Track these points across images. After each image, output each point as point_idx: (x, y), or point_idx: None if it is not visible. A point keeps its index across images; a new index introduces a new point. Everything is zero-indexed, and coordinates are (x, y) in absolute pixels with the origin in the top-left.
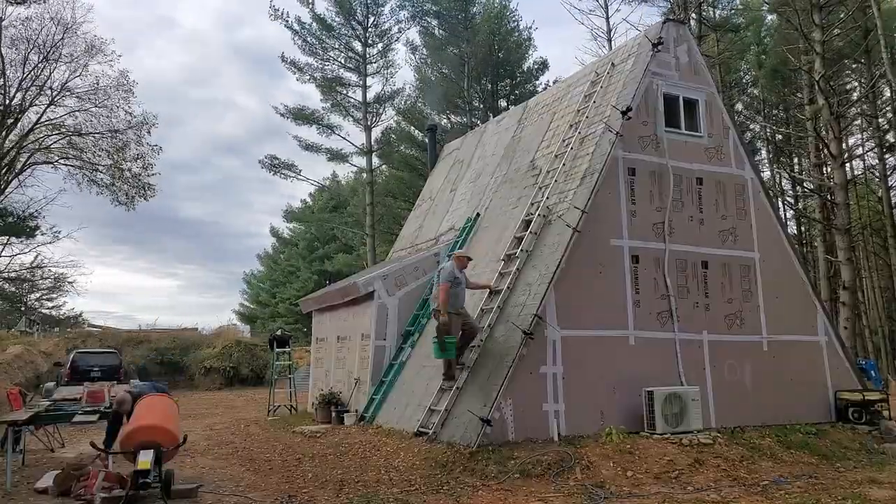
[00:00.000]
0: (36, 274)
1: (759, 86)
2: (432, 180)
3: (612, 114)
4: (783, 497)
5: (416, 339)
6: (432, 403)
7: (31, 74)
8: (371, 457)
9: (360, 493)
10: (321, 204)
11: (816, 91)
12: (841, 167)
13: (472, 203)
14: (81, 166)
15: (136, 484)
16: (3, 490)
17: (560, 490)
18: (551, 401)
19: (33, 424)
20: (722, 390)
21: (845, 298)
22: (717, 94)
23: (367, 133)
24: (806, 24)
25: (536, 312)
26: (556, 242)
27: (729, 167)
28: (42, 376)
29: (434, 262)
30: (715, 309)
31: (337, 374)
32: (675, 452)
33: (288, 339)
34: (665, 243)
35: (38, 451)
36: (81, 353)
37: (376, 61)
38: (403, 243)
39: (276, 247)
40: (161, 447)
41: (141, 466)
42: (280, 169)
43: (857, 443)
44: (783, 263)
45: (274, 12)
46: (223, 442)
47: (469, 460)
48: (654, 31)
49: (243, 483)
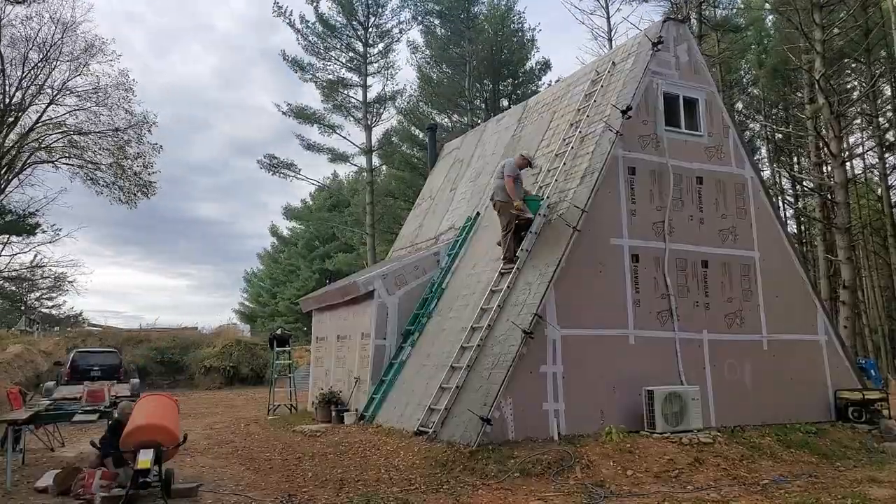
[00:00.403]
0: (36, 273)
1: (760, 85)
2: (432, 180)
3: (612, 113)
4: (783, 496)
5: (416, 339)
6: (432, 402)
7: (31, 73)
8: (371, 456)
9: (360, 492)
10: (320, 203)
11: (817, 90)
12: (841, 166)
13: (472, 202)
14: (82, 165)
15: (136, 483)
16: (3, 489)
17: (560, 489)
18: (551, 400)
19: (33, 424)
20: (722, 389)
21: (845, 297)
22: (717, 94)
23: (368, 133)
24: (806, 23)
25: (536, 312)
26: (556, 242)
27: (729, 166)
28: (42, 376)
29: (434, 261)
30: (715, 308)
31: (337, 374)
32: (675, 451)
33: (288, 338)
34: (665, 242)
35: (38, 450)
36: (81, 352)
37: (377, 61)
38: (403, 242)
39: (275, 246)
40: (161, 446)
41: (141, 466)
42: (279, 168)
43: (857, 442)
44: (783, 263)
45: (278, 10)
46: (223, 441)
47: (469, 459)
48: (654, 31)
49: (243, 482)
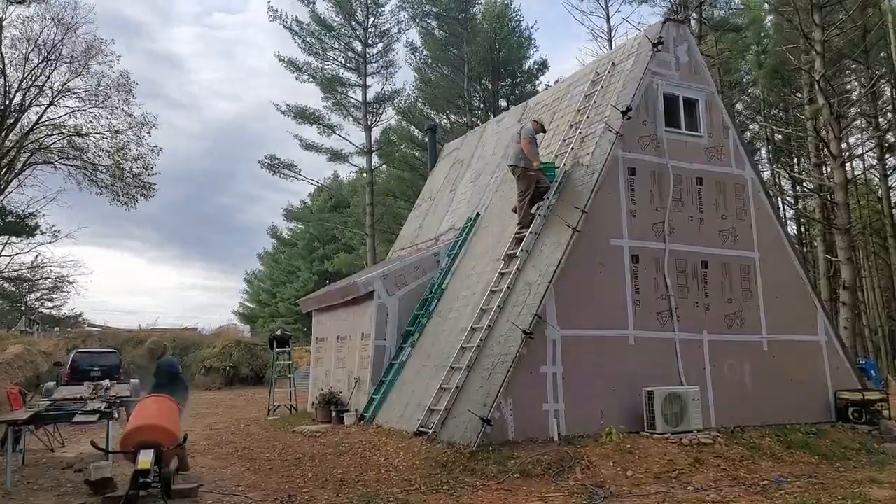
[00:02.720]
0: (36, 273)
1: (759, 86)
2: (432, 180)
3: (612, 113)
4: (783, 497)
5: (416, 339)
6: (432, 403)
7: (32, 75)
8: (371, 456)
9: (360, 493)
10: (321, 203)
11: (816, 91)
12: (841, 167)
13: (472, 203)
14: (82, 166)
15: (135, 484)
16: (3, 489)
17: (560, 490)
18: (551, 400)
19: (33, 424)
20: (722, 390)
21: (845, 298)
22: (716, 94)
23: (368, 133)
24: (806, 23)
25: (536, 312)
26: (556, 242)
27: (729, 167)
28: (42, 376)
29: (434, 261)
30: (715, 309)
31: (337, 374)
32: (675, 452)
33: (288, 338)
34: (665, 243)
35: (38, 450)
36: (81, 352)
37: (376, 61)
38: (403, 243)
39: (275, 246)
40: (161, 446)
41: (141, 466)
42: (279, 169)
43: (857, 442)
44: (783, 263)
45: (273, 13)
46: (223, 441)
47: (469, 460)
48: (654, 31)
49: (243, 483)
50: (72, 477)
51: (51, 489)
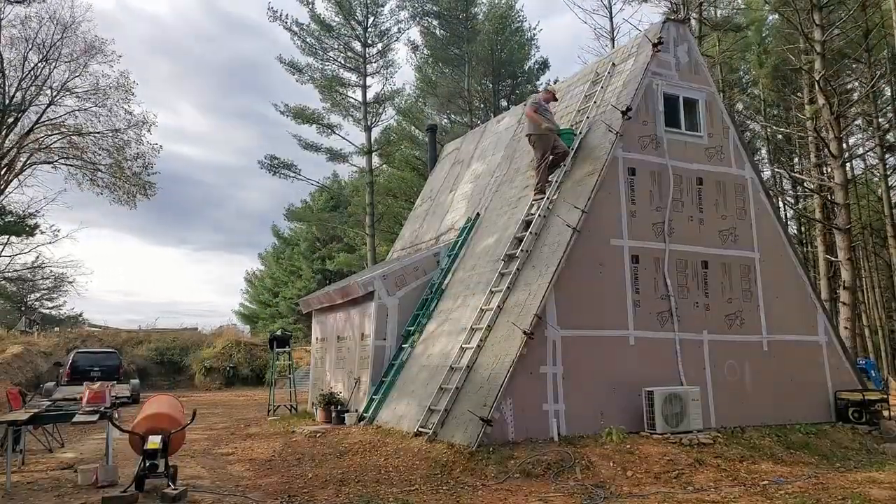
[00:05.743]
0: (36, 273)
1: (760, 85)
2: (432, 180)
3: (612, 114)
4: (783, 497)
5: (416, 339)
6: (432, 403)
7: (31, 74)
8: (371, 457)
9: (360, 493)
10: (322, 203)
11: (817, 91)
12: (841, 167)
13: (472, 203)
14: (82, 166)
15: (145, 464)
16: (3, 490)
17: (560, 490)
18: (551, 401)
19: (33, 424)
20: (722, 390)
21: (845, 298)
22: (717, 94)
23: (367, 133)
24: (806, 23)
25: (536, 312)
26: (556, 242)
27: (729, 167)
28: (42, 376)
29: (434, 261)
30: (715, 309)
31: (337, 374)
32: (675, 452)
33: (288, 338)
34: (665, 243)
35: (38, 451)
36: (81, 353)
37: (376, 61)
38: (403, 243)
39: (276, 246)
40: (168, 432)
41: (150, 446)
42: (279, 169)
43: (857, 443)
44: (783, 263)
45: (272, 14)
46: (223, 442)
47: (469, 460)
48: (654, 31)
49: (243, 483)
50: (72, 477)
51: (51, 489)
